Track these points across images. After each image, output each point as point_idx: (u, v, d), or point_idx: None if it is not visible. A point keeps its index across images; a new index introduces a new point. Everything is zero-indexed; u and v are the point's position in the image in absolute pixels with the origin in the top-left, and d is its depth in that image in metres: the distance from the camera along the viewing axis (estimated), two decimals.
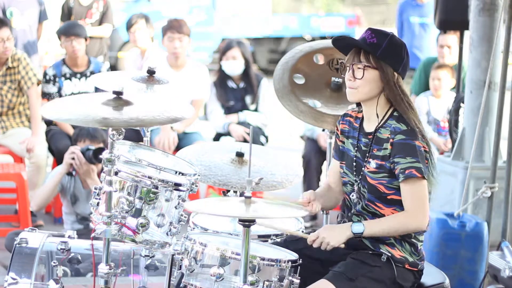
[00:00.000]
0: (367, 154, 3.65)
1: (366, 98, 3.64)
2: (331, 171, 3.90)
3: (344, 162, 3.78)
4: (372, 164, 3.62)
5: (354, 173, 3.70)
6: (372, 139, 3.65)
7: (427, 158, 3.58)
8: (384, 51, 3.57)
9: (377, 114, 3.65)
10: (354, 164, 3.70)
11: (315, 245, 3.58)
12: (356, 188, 3.69)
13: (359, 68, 3.60)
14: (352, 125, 3.76)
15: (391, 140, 3.57)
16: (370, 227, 3.56)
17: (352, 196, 3.71)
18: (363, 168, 3.65)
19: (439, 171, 6.14)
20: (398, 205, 3.60)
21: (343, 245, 3.57)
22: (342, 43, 3.70)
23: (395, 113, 3.63)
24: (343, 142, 3.78)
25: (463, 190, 5.60)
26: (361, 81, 3.60)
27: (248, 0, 18.78)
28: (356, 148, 3.70)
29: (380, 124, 3.64)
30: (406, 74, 3.67)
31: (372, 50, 3.58)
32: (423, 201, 3.56)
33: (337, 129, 3.83)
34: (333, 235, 3.56)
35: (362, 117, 3.73)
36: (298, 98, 4.45)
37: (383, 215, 3.61)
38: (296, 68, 4.46)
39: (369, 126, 3.69)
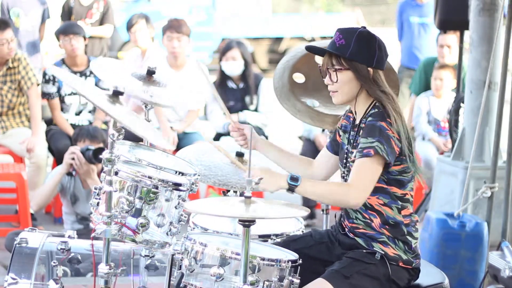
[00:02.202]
0: (352, 146, 3.67)
1: (349, 99, 3.66)
2: (319, 157, 3.95)
3: (339, 156, 3.81)
4: (354, 153, 3.63)
5: (342, 165, 3.74)
6: (357, 131, 3.67)
7: (394, 141, 3.52)
8: (354, 50, 3.57)
9: (355, 111, 3.68)
10: (343, 156, 3.73)
11: (254, 179, 3.41)
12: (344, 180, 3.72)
13: (333, 71, 3.62)
14: (350, 120, 3.80)
15: (363, 125, 3.60)
16: (306, 183, 3.50)
17: None
18: (348, 159, 3.68)
19: (439, 171, 6.21)
20: (380, 192, 3.60)
21: (268, 190, 3.50)
22: (315, 50, 3.75)
23: (376, 103, 3.64)
24: (341, 136, 3.82)
25: (463, 190, 5.60)
26: (338, 84, 3.63)
27: (248, 0, 18.78)
28: (348, 142, 3.74)
29: (364, 116, 3.66)
30: (384, 66, 3.65)
31: (341, 53, 3.59)
32: (368, 179, 3.49)
33: (339, 125, 3.86)
34: (268, 180, 3.50)
35: (355, 112, 3.75)
36: (297, 97, 4.46)
37: (371, 205, 3.62)
38: (296, 67, 4.46)
39: (357, 121, 3.72)
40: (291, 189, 3.50)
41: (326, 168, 3.94)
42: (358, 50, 3.58)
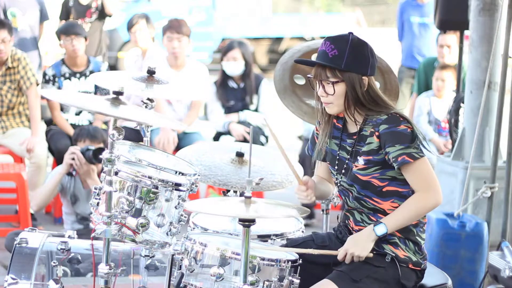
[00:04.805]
0: (354, 154, 3.62)
1: (344, 109, 3.60)
2: (320, 170, 3.89)
3: (328, 162, 3.77)
4: (360, 161, 3.60)
5: (336, 171, 3.69)
6: (356, 139, 3.63)
7: (417, 136, 3.53)
8: (348, 61, 3.50)
9: (356, 121, 3.62)
10: (337, 162, 3.68)
11: (347, 262, 3.57)
12: (340, 187, 3.69)
13: (328, 83, 3.54)
14: (335, 125, 3.73)
15: (376, 133, 3.55)
16: (390, 223, 3.54)
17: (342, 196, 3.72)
18: (352, 168, 3.63)
19: (439, 171, 6.21)
20: (395, 196, 3.59)
21: (371, 254, 3.55)
22: (305, 63, 3.68)
23: (372, 109, 3.60)
24: (327, 142, 3.75)
25: (463, 190, 5.60)
26: (334, 96, 3.55)
27: (248, 0, 18.78)
28: (339, 148, 3.69)
29: (364, 123, 3.61)
30: (375, 72, 3.60)
31: (336, 65, 3.51)
32: (428, 178, 3.53)
33: (317, 129, 3.80)
34: (359, 246, 3.55)
35: (345, 118, 3.69)
36: (301, 99, 4.45)
37: (383, 210, 3.60)
38: (295, 68, 4.45)
39: (353, 127, 3.67)
40: (383, 237, 3.56)
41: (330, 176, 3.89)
42: (353, 60, 3.50)
